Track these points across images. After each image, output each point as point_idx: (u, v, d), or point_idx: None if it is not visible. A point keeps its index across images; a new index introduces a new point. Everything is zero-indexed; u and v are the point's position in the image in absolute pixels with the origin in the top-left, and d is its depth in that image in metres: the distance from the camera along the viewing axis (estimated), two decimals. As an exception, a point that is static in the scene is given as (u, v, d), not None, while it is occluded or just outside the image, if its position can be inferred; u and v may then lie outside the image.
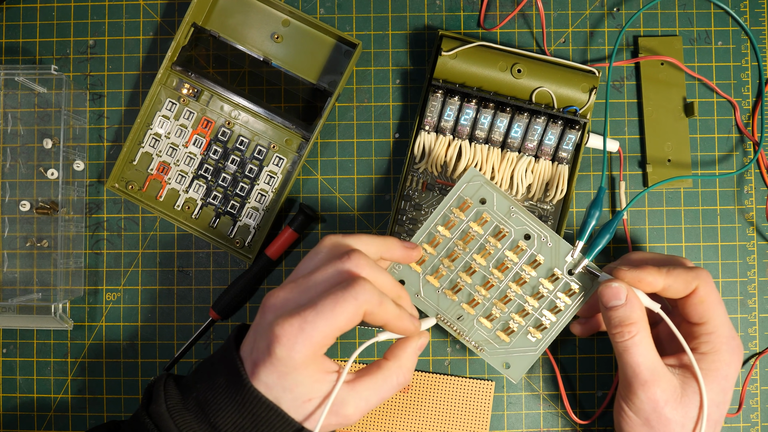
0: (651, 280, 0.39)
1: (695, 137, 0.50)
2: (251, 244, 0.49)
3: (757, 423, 0.49)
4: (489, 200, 0.42)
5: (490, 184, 0.42)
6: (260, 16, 0.49)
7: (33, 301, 0.49)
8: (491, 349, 0.43)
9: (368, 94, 0.50)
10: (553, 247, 0.42)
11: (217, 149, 0.49)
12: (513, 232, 0.42)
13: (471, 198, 0.42)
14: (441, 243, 0.43)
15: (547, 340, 0.43)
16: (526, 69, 0.46)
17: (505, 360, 0.43)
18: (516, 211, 0.42)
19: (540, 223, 0.42)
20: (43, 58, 0.51)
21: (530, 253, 0.42)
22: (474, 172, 0.42)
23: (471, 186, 0.42)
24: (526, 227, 0.42)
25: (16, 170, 0.50)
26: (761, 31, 0.50)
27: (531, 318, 0.43)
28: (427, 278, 0.43)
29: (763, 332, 0.49)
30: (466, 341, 0.43)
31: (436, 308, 0.43)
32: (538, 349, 0.43)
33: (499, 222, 0.42)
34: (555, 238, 0.42)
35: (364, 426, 0.49)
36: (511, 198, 0.42)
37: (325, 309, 0.34)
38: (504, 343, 0.43)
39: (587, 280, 0.42)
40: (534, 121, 0.46)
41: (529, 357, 0.43)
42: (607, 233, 0.42)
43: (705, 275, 0.39)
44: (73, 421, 0.50)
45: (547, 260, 0.42)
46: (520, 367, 0.43)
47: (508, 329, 0.43)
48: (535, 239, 0.42)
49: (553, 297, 0.42)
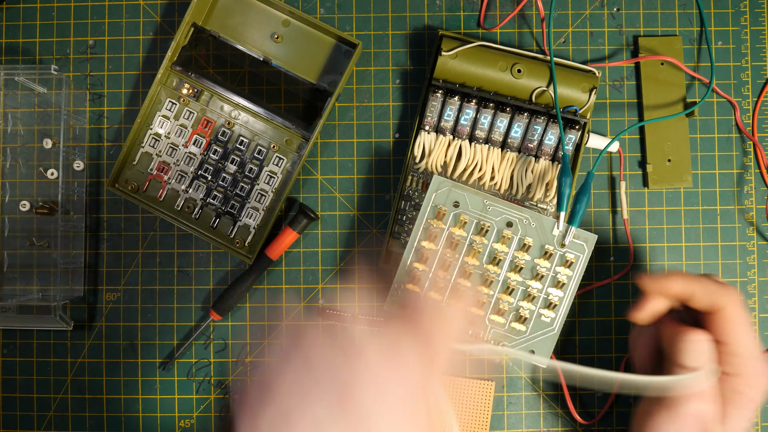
0: (676, 287, 0.38)
1: (695, 137, 0.50)
2: (251, 244, 0.49)
3: (757, 423, 0.49)
4: (462, 201, 0.43)
5: (458, 185, 0.43)
6: (260, 16, 0.49)
7: (33, 301, 0.49)
8: (511, 342, 0.44)
9: (368, 94, 0.50)
10: (537, 225, 0.43)
11: (217, 149, 0.49)
12: (494, 224, 0.43)
13: (444, 205, 0.43)
14: (430, 257, 0.43)
15: (562, 315, 0.43)
16: (526, 69, 0.46)
17: (528, 348, 0.44)
18: (491, 203, 0.43)
19: (517, 207, 0.43)
20: (43, 58, 0.51)
21: (517, 238, 0.43)
22: (439, 180, 0.43)
23: (440, 193, 0.43)
24: (505, 215, 0.43)
25: (16, 170, 0.50)
26: (761, 31, 0.50)
27: (539, 300, 0.43)
28: (428, 294, 0.43)
29: (763, 332, 0.49)
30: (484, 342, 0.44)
31: None
32: (555, 327, 0.43)
33: (478, 219, 0.43)
34: (536, 217, 0.43)
35: (364, 426, 0.49)
36: (481, 192, 0.43)
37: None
38: (522, 333, 0.43)
39: (580, 246, 0.43)
40: (534, 121, 0.46)
41: (550, 338, 0.43)
42: (585, 196, 0.42)
43: (733, 293, 0.38)
44: (73, 421, 0.50)
45: (536, 240, 0.43)
46: (544, 349, 0.43)
47: (521, 317, 0.43)
48: (518, 224, 0.43)
49: (552, 273, 0.43)
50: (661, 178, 0.49)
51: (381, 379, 0.29)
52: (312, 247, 0.50)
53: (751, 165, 0.50)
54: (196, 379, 0.50)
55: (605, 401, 0.49)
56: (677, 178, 0.49)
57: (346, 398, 0.28)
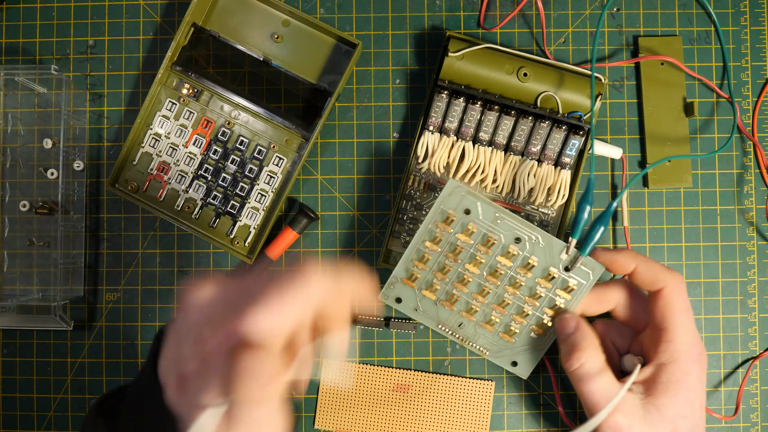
0: (623, 261, 0.39)
1: (695, 137, 0.50)
2: (251, 244, 0.49)
3: (757, 423, 0.49)
4: (473, 210, 0.42)
5: (473, 193, 0.42)
6: (260, 16, 0.49)
7: (33, 301, 0.49)
8: (496, 351, 0.43)
9: (368, 94, 0.50)
10: (546, 246, 0.42)
11: (217, 149, 0.49)
12: (502, 238, 0.42)
13: (454, 210, 0.42)
14: (431, 259, 0.43)
15: (551, 336, 0.43)
16: (532, 72, 0.46)
17: (511, 359, 0.43)
18: (503, 217, 0.42)
19: (529, 225, 0.42)
20: (43, 58, 0.51)
21: (523, 256, 0.42)
22: (455, 184, 0.42)
23: (453, 198, 0.42)
24: (515, 231, 0.42)
25: (16, 170, 0.50)
26: (761, 31, 0.50)
27: (532, 318, 0.43)
28: (422, 292, 0.43)
29: (763, 332, 0.49)
30: (470, 347, 0.43)
31: (436, 319, 0.43)
32: (543, 344, 0.43)
33: (486, 230, 0.42)
34: (547, 238, 0.42)
35: (365, 426, 0.49)
36: (495, 204, 0.42)
37: (271, 300, 0.27)
38: (508, 344, 0.43)
39: (586, 274, 0.42)
40: (538, 125, 0.46)
41: (536, 353, 0.43)
42: (601, 225, 0.41)
43: (678, 280, 0.39)
44: (73, 421, 0.50)
45: (541, 260, 0.42)
46: (527, 363, 0.43)
47: (511, 331, 0.43)
48: (526, 241, 0.42)
49: (552, 295, 0.42)
50: (661, 178, 0.49)
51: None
52: (312, 247, 0.50)
53: (751, 165, 0.50)
54: (196, 379, 0.50)
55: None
56: (677, 178, 0.49)
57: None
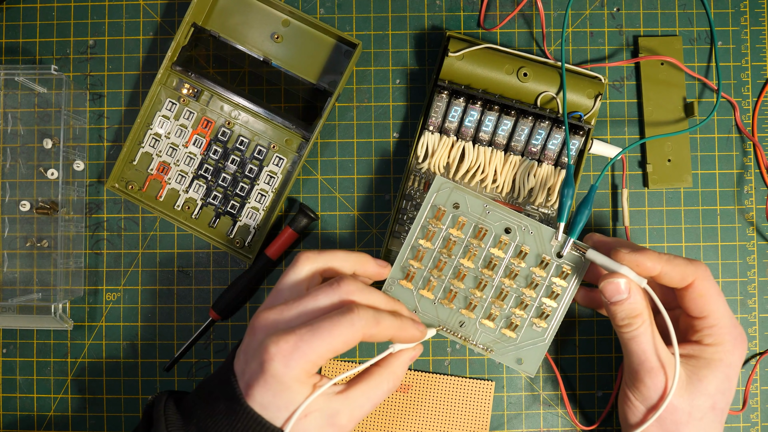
0: (650, 264, 0.39)
1: (695, 137, 0.50)
2: (251, 244, 0.49)
3: (757, 423, 0.49)
4: (462, 203, 0.43)
5: (460, 187, 0.43)
6: (260, 16, 0.49)
7: (33, 301, 0.49)
8: (500, 349, 0.43)
9: (368, 94, 0.50)
10: (536, 233, 0.42)
11: (217, 149, 0.49)
12: (492, 229, 0.43)
13: (444, 205, 0.43)
14: (426, 255, 0.43)
15: (554, 327, 0.43)
16: (532, 73, 0.46)
17: (516, 356, 0.43)
18: (491, 208, 0.43)
19: (517, 214, 0.43)
20: (43, 58, 0.51)
21: (514, 245, 0.43)
22: (441, 180, 0.43)
23: (441, 194, 0.43)
24: (505, 221, 0.43)
25: (16, 170, 0.50)
26: (761, 31, 0.50)
27: (532, 308, 0.43)
28: (420, 292, 0.43)
29: (763, 332, 0.49)
30: (473, 346, 0.43)
31: (436, 320, 0.43)
32: (546, 337, 0.43)
33: (477, 222, 0.43)
34: (535, 225, 0.42)
35: (365, 426, 0.49)
36: (482, 196, 0.43)
37: (322, 330, 0.34)
38: (512, 340, 0.43)
39: (578, 259, 0.42)
40: (538, 125, 0.46)
41: (539, 348, 0.43)
42: (585, 209, 0.42)
43: (704, 269, 0.39)
44: (73, 421, 0.50)
45: (533, 248, 0.43)
46: (533, 359, 0.43)
47: (512, 324, 0.43)
48: (516, 230, 0.43)
49: (548, 283, 0.43)
50: (661, 178, 0.49)
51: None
52: (312, 247, 0.50)
53: (751, 165, 0.50)
54: (197, 379, 0.50)
55: (605, 402, 0.49)
56: (677, 178, 0.49)
57: None
